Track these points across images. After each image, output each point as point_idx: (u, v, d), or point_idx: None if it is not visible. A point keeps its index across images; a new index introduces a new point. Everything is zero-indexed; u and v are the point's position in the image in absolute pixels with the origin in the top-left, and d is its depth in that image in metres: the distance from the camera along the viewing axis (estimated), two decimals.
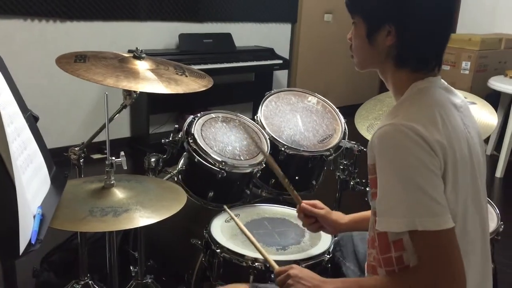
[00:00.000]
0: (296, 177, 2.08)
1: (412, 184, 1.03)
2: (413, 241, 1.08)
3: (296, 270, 1.24)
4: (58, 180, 1.34)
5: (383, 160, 1.08)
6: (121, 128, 4.27)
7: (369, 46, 1.18)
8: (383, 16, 1.14)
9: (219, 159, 1.81)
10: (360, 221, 1.52)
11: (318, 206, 1.53)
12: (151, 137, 4.18)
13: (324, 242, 1.60)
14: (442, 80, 1.21)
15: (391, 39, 1.14)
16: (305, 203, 1.52)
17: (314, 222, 1.53)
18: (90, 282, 1.90)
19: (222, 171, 1.80)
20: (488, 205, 1.43)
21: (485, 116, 1.99)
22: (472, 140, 1.18)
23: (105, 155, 1.44)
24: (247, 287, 1.37)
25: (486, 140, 4.40)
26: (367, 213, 1.52)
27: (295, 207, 1.80)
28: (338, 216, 1.53)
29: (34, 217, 1.09)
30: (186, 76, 1.77)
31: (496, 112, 2.08)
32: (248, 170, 1.88)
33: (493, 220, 1.79)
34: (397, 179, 1.05)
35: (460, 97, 1.22)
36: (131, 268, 2.02)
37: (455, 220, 1.06)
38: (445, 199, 1.06)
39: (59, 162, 1.52)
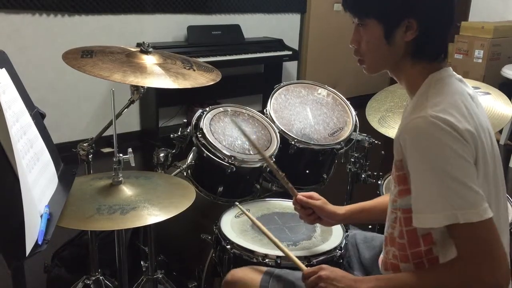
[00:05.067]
0: (307, 171, 2.06)
1: (449, 177, 1.01)
2: (452, 234, 1.06)
3: (327, 271, 1.20)
4: (65, 178, 1.33)
5: (415, 155, 1.06)
6: (131, 121, 4.27)
7: (386, 46, 1.15)
8: (402, 11, 1.11)
9: (228, 153, 1.79)
10: (358, 212, 1.49)
11: (315, 197, 1.50)
12: (161, 130, 4.18)
13: (335, 237, 1.58)
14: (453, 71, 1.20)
15: (412, 33, 1.12)
16: (301, 195, 1.50)
17: (310, 214, 1.51)
18: (101, 277, 1.90)
19: (232, 166, 1.78)
20: None
21: (499, 106, 1.94)
22: (490, 129, 1.17)
23: (114, 149, 1.43)
24: (262, 273, 1.36)
25: (500, 130, 4.34)
26: (365, 204, 1.51)
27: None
28: (335, 207, 1.50)
29: (41, 216, 1.08)
30: (194, 70, 1.75)
31: (510, 100, 2.03)
32: (258, 165, 1.86)
33: (509, 213, 1.75)
34: (433, 173, 1.03)
35: (470, 87, 1.21)
36: (141, 263, 2.01)
37: None
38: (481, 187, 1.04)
39: (68, 157, 1.51)
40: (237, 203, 1.64)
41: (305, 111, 2.12)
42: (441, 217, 1.03)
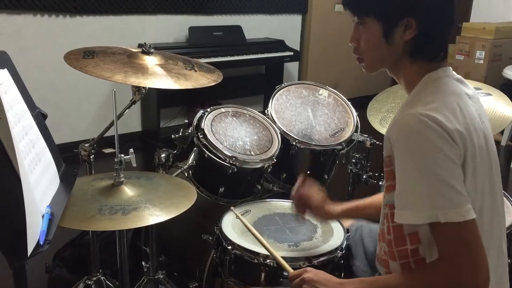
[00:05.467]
0: (308, 172, 2.05)
1: (433, 175, 1.01)
2: (434, 234, 1.06)
3: (310, 273, 1.22)
4: (67, 178, 1.33)
5: (402, 152, 1.06)
6: (132, 122, 4.27)
7: (385, 45, 1.16)
8: (401, 10, 1.12)
9: (230, 154, 1.79)
10: (352, 210, 1.53)
11: (314, 196, 1.54)
12: (162, 131, 4.18)
13: (336, 238, 1.58)
14: (453, 71, 1.20)
15: (411, 32, 1.13)
16: (300, 191, 1.54)
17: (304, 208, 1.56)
18: (102, 278, 1.90)
19: (233, 166, 1.78)
20: (504, 198, 1.40)
21: (501, 107, 1.94)
22: (487, 131, 1.16)
23: (115, 150, 1.43)
24: None
25: (501, 131, 4.33)
26: (360, 202, 1.53)
27: None
28: (331, 207, 1.53)
29: (43, 216, 1.08)
30: (195, 71, 1.75)
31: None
32: (259, 165, 1.86)
33: (509, 213, 1.75)
34: (418, 170, 1.03)
35: (470, 87, 1.21)
36: (143, 263, 2.01)
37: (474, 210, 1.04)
38: (465, 189, 1.04)
39: (70, 157, 1.51)
40: (232, 208, 1.65)
41: (306, 112, 2.13)
42: (422, 215, 1.03)
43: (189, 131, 1.89)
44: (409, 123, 1.05)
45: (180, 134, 1.90)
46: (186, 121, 1.97)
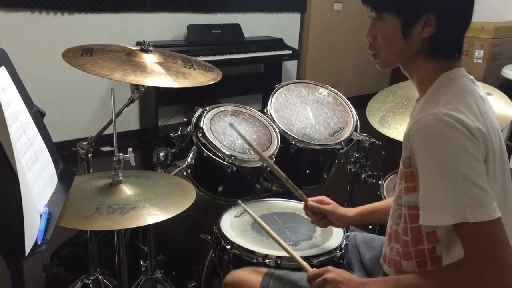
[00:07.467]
0: (307, 171, 2.05)
1: (458, 174, 1.01)
2: (461, 233, 1.05)
3: (333, 273, 1.19)
4: (65, 177, 1.32)
5: (425, 152, 1.05)
6: (130, 120, 4.26)
7: (403, 42, 1.15)
8: (422, 7, 1.11)
9: (229, 153, 1.78)
10: (368, 213, 1.50)
11: (325, 202, 1.51)
12: (160, 129, 4.17)
13: (336, 237, 1.57)
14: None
15: (430, 30, 1.12)
16: (311, 200, 1.51)
17: (322, 218, 1.52)
18: (100, 277, 1.89)
19: (232, 165, 1.77)
20: None
21: (501, 107, 1.94)
22: (499, 131, 1.16)
23: (114, 148, 1.42)
24: (262, 274, 1.35)
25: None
26: (375, 205, 1.51)
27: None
28: (346, 209, 1.51)
29: (40, 216, 1.07)
30: (195, 69, 1.75)
31: (511, 101, 2.03)
32: (258, 164, 1.85)
33: None
34: (442, 170, 1.02)
35: (481, 89, 1.20)
36: (141, 262, 2.01)
37: None
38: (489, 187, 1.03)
39: (68, 155, 1.51)
40: (240, 202, 1.63)
41: (306, 111, 2.12)
42: (449, 215, 1.02)
43: (188, 129, 1.88)
44: (430, 123, 1.04)
45: (179, 132, 1.89)
46: (185, 119, 1.96)
